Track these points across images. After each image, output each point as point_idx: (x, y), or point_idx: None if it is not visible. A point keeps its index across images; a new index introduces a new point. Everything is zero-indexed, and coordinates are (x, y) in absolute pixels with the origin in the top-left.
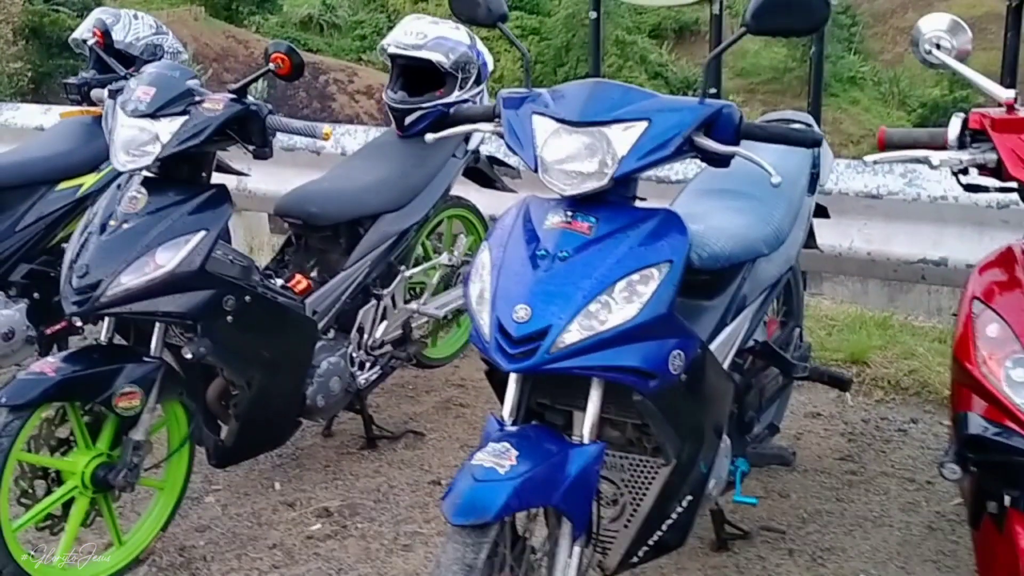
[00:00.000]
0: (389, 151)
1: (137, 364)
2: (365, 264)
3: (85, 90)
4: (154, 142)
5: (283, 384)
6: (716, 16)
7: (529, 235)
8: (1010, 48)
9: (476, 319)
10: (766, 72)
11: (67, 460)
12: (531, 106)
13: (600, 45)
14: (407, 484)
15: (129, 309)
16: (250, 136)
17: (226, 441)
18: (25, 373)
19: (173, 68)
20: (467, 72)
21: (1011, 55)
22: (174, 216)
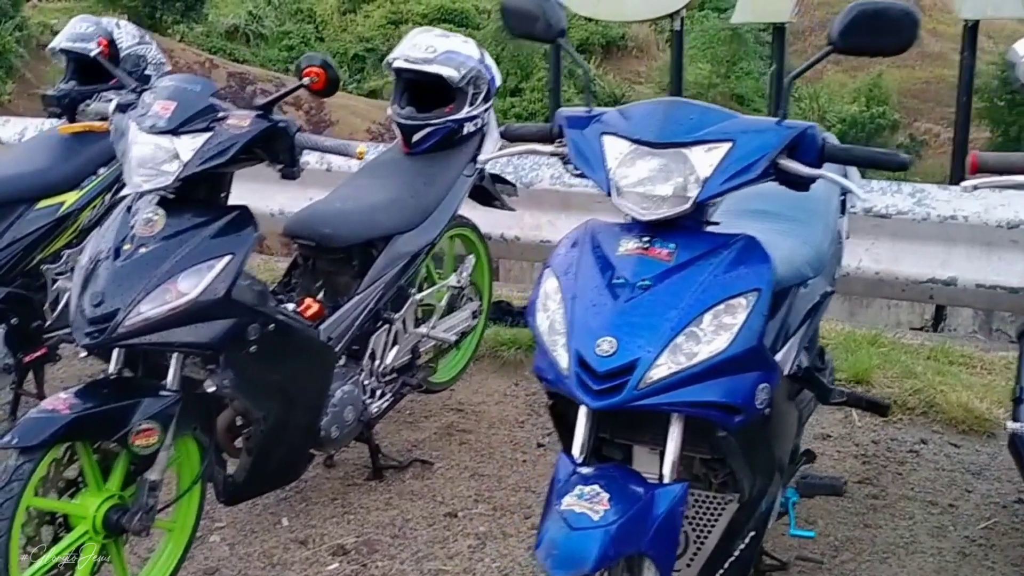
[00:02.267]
0: (397, 169)
1: (154, 398)
2: (378, 287)
3: (66, 103)
4: (173, 160)
5: (301, 416)
6: (677, 32)
7: (601, 262)
8: None
9: (548, 352)
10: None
11: (77, 503)
12: (599, 126)
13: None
14: (422, 517)
15: (148, 340)
16: (277, 155)
17: (237, 477)
18: (36, 411)
19: (194, 81)
20: (477, 87)
21: None
22: (195, 240)
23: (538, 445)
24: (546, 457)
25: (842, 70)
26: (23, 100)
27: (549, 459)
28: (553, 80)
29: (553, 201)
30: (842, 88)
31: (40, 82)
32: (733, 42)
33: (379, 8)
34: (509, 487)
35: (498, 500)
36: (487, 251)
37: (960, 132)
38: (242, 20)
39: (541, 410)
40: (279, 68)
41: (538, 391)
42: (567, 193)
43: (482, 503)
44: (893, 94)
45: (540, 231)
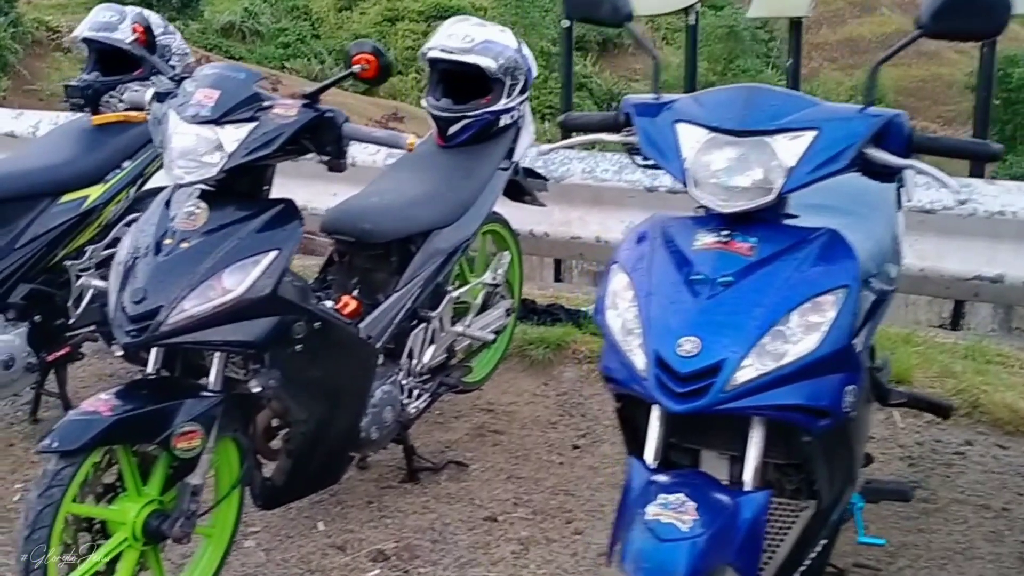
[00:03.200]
0: (433, 162)
1: (196, 399)
2: (417, 284)
3: (90, 94)
4: (217, 151)
5: (343, 417)
6: (692, 27)
7: (676, 257)
8: None
9: (621, 352)
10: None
11: (116, 509)
12: (671, 113)
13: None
14: (461, 521)
15: (192, 339)
16: (324, 146)
17: (275, 480)
18: (75, 413)
19: (237, 69)
20: (515, 78)
21: None
22: (240, 234)
23: (573, 447)
24: (582, 459)
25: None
26: (18, 96)
27: (585, 461)
28: (565, 69)
29: (584, 196)
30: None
31: (35, 78)
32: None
33: (375, 5)
34: (548, 490)
35: (538, 504)
36: (519, 247)
37: (979, 128)
38: (238, 17)
39: (573, 410)
40: (275, 65)
41: (568, 391)
42: (599, 188)
43: (521, 507)
44: (890, 92)
45: (570, 227)
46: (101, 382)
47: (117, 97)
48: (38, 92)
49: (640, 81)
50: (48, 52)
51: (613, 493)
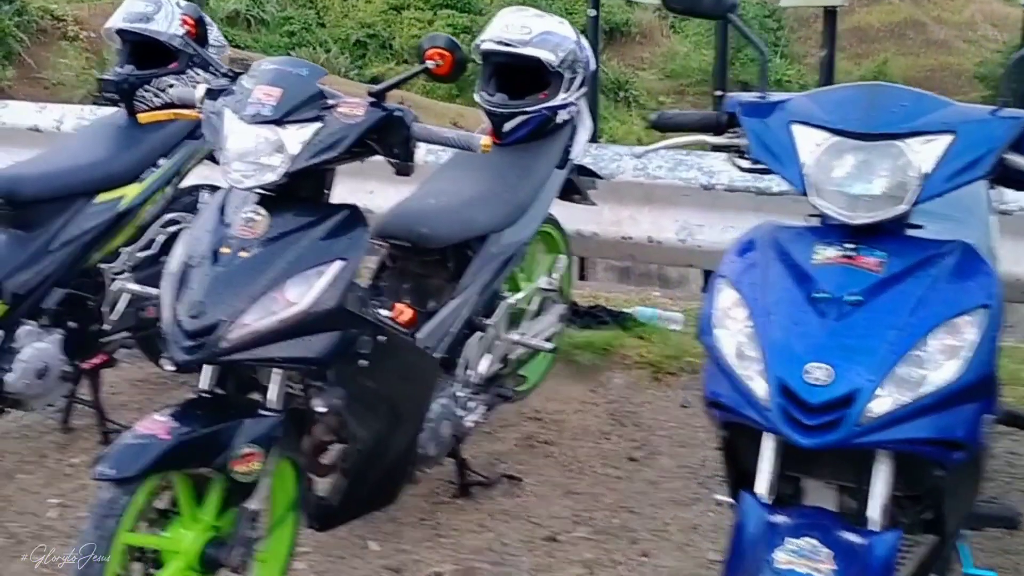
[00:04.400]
0: (487, 161)
1: (255, 420)
2: (474, 291)
3: (125, 88)
4: (278, 153)
5: (403, 434)
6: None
7: (793, 271)
8: None
9: (736, 377)
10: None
11: (170, 537)
12: (785, 114)
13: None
14: (520, 541)
15: (253, 355)
16: (392, 147)
17: (331, 500)
18: (131, 436)
19: (299, 64)
20: (574, 72)
21: None
22: (303, 243)
23: (630, 459)
24: (640, 473)
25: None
26: (23, 86)
27: (644, 475)
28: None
29: (635, 194)
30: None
31: (41, 68)
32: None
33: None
34: (608, 507)
35: (599, 522)
36: (569, 249)
37: None
38: (243, 5)
39: (625, 420)
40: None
41: (618, 399)
42: (651, 186)
43: (582, 525)
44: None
45: (620, 226)
46: (133, 388)
47: (152, 91)
48: (43, 81)
49: (647, 70)
50: (54, 41)
51: (677, 511)
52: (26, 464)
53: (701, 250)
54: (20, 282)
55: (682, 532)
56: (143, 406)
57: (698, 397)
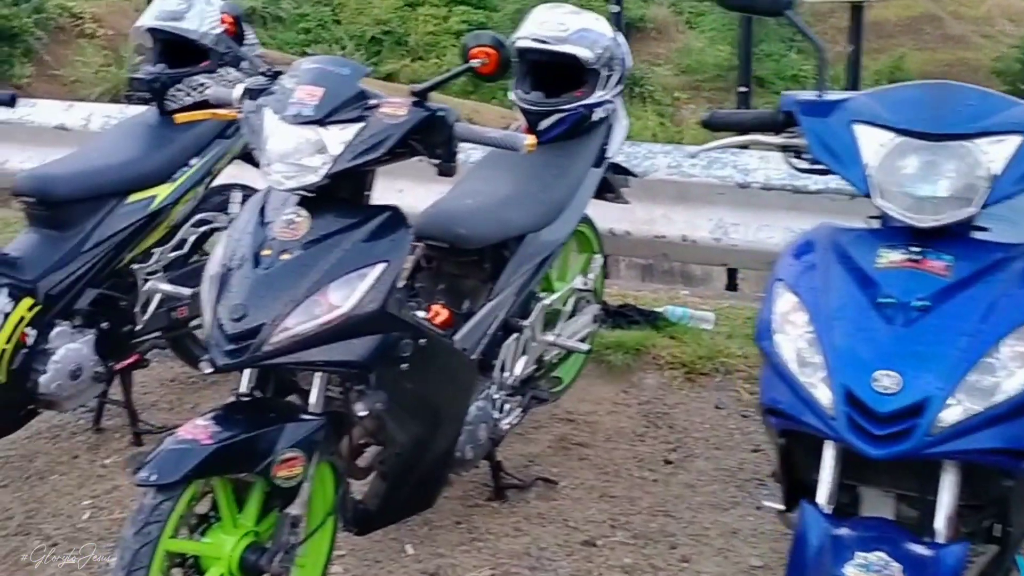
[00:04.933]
0: (523, 159)
1: (297, 424)
2: (511, 292)
3: (157, 87)
4: (319, 154)
5: (442, 437)
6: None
7: (856, 275)
8: None
9: (797, 385)
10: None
11: (210, 543)
12: (846, 113)
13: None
14: (558, 546)
15: (295, 359)
16: (435, 147)
17: (369, 504)
18: (173, 441)
19: (341, 63)
20: (611, 69)
21: None
22: (345, 245)
23: (665, 462)
24: (677, 476)
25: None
26: (41, 83)
27: (681, 478)
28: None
29: (669, 192)
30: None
31: (59, 65)
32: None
33: None
34: (645, 511)
35: (637, 527)
36: (602, 249)
37: None
38: (259, 3)
39: (659, 421)
40: (296, 51)
41: (651, 400)
42: (686, 184)
43: (620, 529)
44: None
45: (653, 225)
46: (163, 388)
47: (184, 90)
48: (61, 78)
49: (662, 65)
50: (72, 39)
51: (716, 515)
52: (58, 465)
53: (736, 249)
54: (53, 282)
55: (722, 537)
56: (174, 406)
57: (732, 398)
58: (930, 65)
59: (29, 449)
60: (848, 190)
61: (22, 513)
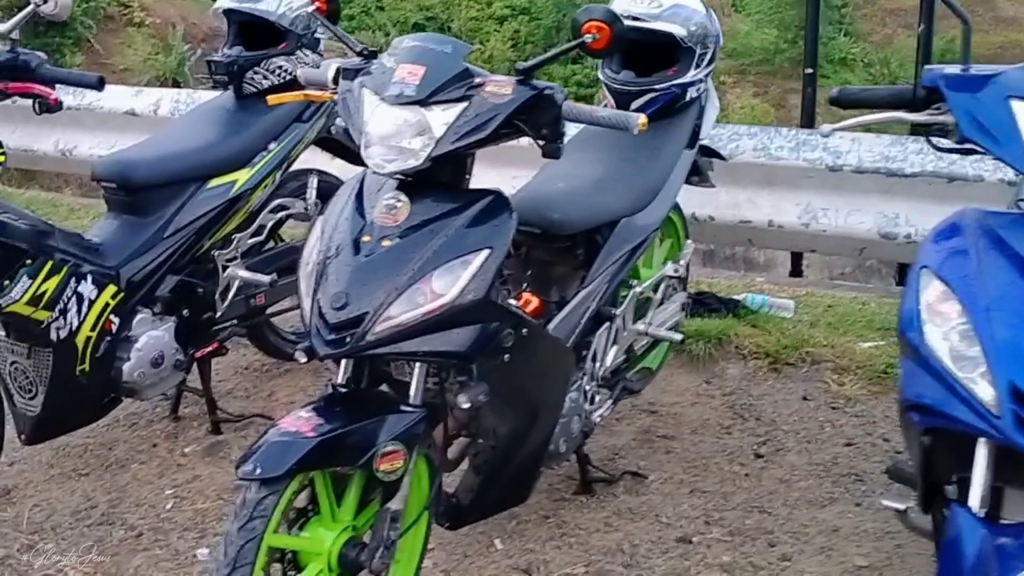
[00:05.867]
0: (613, 141)
1: (397, 416)
2: (604, 279)
3: (235, 70)
4: (420, 136)
5: (539, 430)
6: None
7: (1015, 262)
8: None
9: (955, 381)
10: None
11: (310, 538)
12: (1001, 88)
13: None
14: (651, 542)
15: (398, 349)
16: (541, 128)
17: (461, 498)
18: (276, 434)
19: (442, 41)
20: (705, 46)
21: None
22: (447, 231)
23: (756, 455)
24: (768, 470)
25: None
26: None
27: (773, 473)
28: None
29: (755, 176)
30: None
31: (109, 54)
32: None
33: None
34: (739, 506)
35: (731, 522)
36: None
37: None
38: None
39: (746, 413)
40: None
41: (735, 391)
42: (772, 167)
43: (714, 526)
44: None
45: (738, 210)
46: (237, 375)
47: (262, 73)
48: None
49: None
50: (121, 27)
51: (814, 512)
52: (138, 453)
53: (825, 235)
54: (135, 269)
55: (822, 535)
56: (249, 394)
57: (820, 390)
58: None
59: (108, 437)
60: (946, 172)
61: (105, 502)
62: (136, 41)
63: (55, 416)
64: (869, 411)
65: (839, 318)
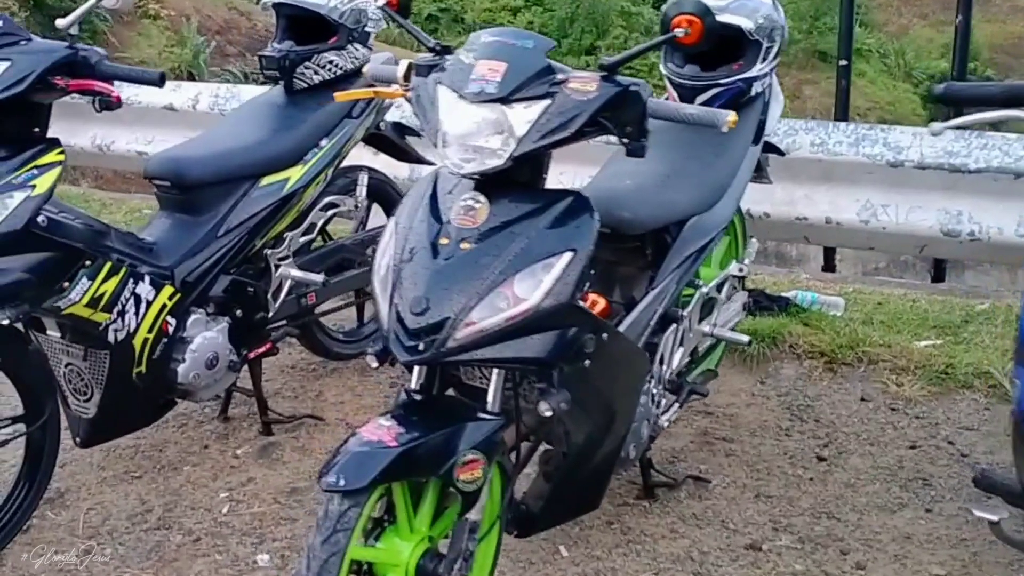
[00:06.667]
0: (677, 138)
1: (476, 424)
2: (672, 280)
3: (286, 65)
4: (501, 135)
5: (614, 436)
6: None
7: None
8: None
9: None
10: None
11: (386, 549)
12: None
13: None
14: (719, 549)
15: (480, 355)
16: (625, 125)
17: (531, 506)
18: (358, 443)
19: (522, 35)
20: (771, 40)
21: None
22: (529, 233)
23: (818, 459)
24: (833, 474)
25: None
26: None
27: (838, 476)
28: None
29: (812, 172)
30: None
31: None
32: None
33: None
34: (806, 512)
35: (800, 529)
36: (746, 231)
37: None
38: None
39: (803, 415)
40: None
41: (790, 391)
42: (831, 162)
43: (783, 533)
44: (984, 49)
45: (794, 206)
46: (284, 374)
47: (313, 68)
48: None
49: None
50: (136, 20)
51: (884, 517)
52: (189, 455)
53: (885, 232)
54: (189, 269)
55: (895, 542)
56: (298, 394)
57: (878, 390)
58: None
59: (158, 439)
60: (1013, 168)
61: (160, 506)
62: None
63: (110, 419)
64: (930, 412)
65: (891, 316)
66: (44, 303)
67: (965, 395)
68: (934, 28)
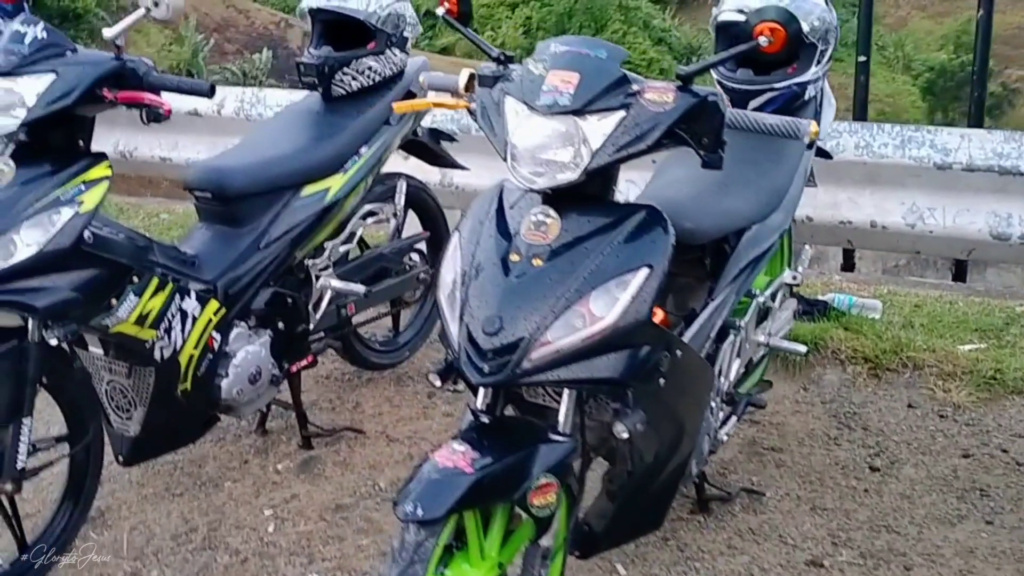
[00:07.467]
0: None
1: (549, 446)
2: (732, 289)
3: (325, 71)
4: (574, 148)
5: (681, 454)
6: None
7: None
8: None
9: None
10: None
11: None
12: None
13: None
14: (779, 565)
15: (556, 376)
16: (701, 137)
17: (594, 525)
18: (432, 469)
19: (596, 45)
20: (826, 42)
21: None
22: (603, 248)
23: (871, 469)
24: (888, 485)
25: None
26: None
27: (893, 487)
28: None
29: (856, 175)
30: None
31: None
32: None
33: None
34: (864, 525)
35: (860, 543)
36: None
37: None
38: None
39: (851, 422)
40: None
41: (835, 398)
42: (876, 165)
43: (843, 547)
44: None
45: (838, 210)
46: (319, 386)
47: (351, 74)
48: None
49: None
50: None
51: (945, 531)
52: (229, 471)
53: (932, 236)
54: (231, 281)
55: (959, 556)
56: (335, 406)
57: (925, 397)
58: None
59: (196, 454)
60: None
61: (204, 524)
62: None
63: (154, 436)
64: (980, 419)
65: (931, 319)
66: (91, 321)
67: (1015, 401)
68: (933, 20)
